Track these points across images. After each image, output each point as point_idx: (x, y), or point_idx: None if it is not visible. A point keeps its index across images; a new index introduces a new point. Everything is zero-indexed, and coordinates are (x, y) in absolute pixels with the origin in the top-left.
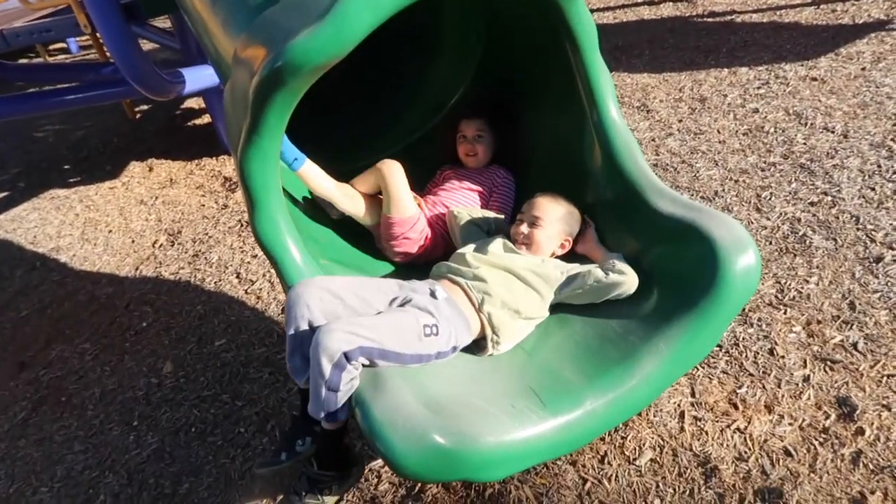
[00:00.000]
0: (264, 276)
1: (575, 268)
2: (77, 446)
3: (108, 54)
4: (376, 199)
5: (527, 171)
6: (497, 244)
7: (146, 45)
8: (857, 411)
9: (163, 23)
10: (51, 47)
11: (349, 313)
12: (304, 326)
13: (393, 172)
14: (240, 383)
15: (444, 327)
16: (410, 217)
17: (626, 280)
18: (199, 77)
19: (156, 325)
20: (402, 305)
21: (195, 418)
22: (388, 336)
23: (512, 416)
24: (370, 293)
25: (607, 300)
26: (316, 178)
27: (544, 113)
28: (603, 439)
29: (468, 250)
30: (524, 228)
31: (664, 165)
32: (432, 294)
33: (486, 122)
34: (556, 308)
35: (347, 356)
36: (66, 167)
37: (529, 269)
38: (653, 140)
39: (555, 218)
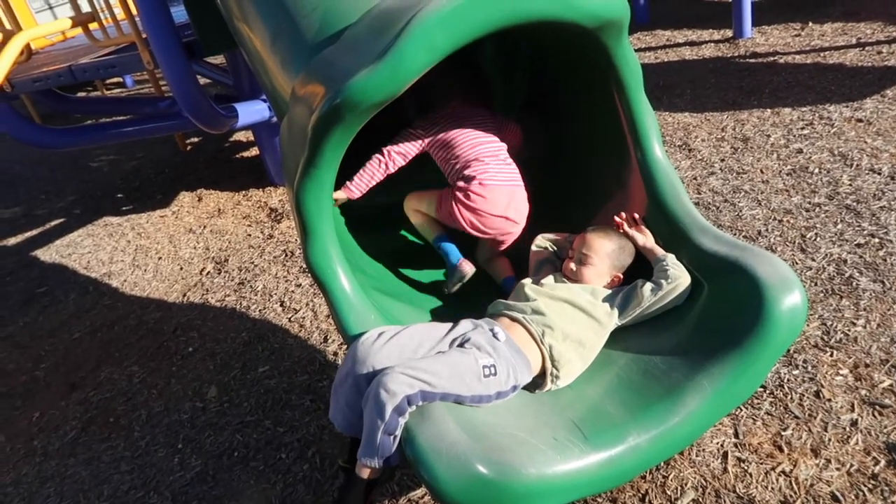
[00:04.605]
0: (307, 305)
1: (624, 295)
2: (124, 466)
3: (163, 89)
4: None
5: (571, 206)
6: (551, 278)
7: (200, 81)
8: None
9: (214, 59)
10: (107, 81)
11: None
12: (365, 385)
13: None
14: (282, 409)
15: (502, 367)
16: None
17: (677, 285)
18: (250, 112)
19: (202, 351)
20: (461, 345)
21: (238, 443)
22: (448, 379)
23: (554, 448)
24: (430, 338)
25: (656, 316)
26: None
27: (589, 148)
28: (644, 477)
29: (527, 282)
30: (573, 266)
31: (706, 204)
32: (494, 335)
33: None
34: None
35: (409, 400)
36: (119, 196)
37: (587, 300)
38: (695, 179)
39: (604, 254)
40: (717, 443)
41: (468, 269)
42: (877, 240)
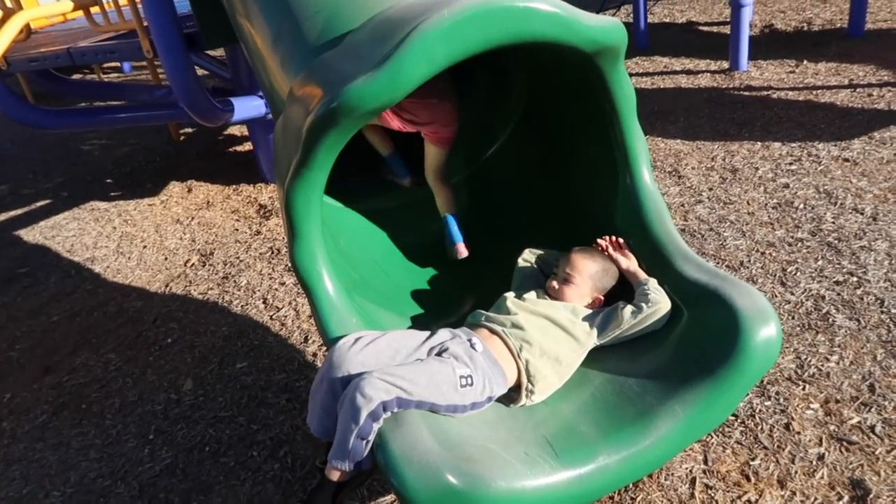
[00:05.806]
0: (290, 304)
1: (604, 316)
2: (93, 454)
3: (161, 77)
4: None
5: (563, 223)
6: (533, 294)
7: (198, 72)
8: (871, 495)
9: (214, 52)
10: (105, 65)
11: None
12: (340, 389)
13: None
14: (257, 407)
15: (478, 378)
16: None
17: (657, 310)
18: (246, 107)
19: (180, 343)
20: (439, 354)
21: (210, 438)
22: (425, 388)
23: (525, 463)
24: (407, 345)
25: (634, 339)
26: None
27: (583, 167)
28: (612, 498)
29: (510, 296)
30: (556, 284)
31: (692, 231)
32: (471, 345)
33: None
34: None
35: (385, 406)
36: (108, 181)
37: (567, 318)
38: (682, 206)
39: (587, 275)
40: (687, 468)
41: (462, 252)
42: (855, 278)
